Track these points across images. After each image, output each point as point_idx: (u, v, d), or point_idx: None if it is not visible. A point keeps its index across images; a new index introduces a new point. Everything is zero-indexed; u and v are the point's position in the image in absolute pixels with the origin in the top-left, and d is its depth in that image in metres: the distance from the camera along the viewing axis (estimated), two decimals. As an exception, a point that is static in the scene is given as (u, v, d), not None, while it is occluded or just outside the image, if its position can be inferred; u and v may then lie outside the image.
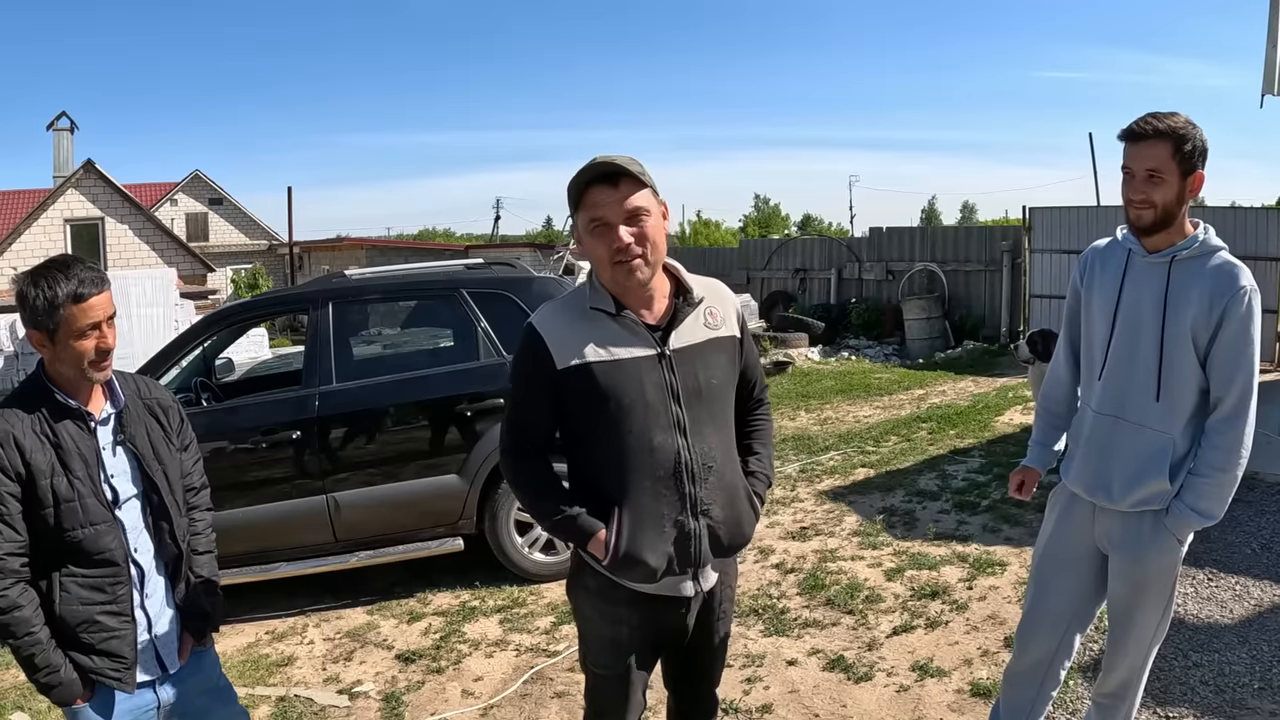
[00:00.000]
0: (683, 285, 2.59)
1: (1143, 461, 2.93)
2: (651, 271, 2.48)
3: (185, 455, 2.89)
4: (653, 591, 2.59)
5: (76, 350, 2.52)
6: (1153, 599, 3.04)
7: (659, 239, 2.46)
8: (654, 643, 2.75)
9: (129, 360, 10.19)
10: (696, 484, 2.52)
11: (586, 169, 2.40)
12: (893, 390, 13.12)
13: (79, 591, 2.56)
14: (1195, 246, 2.85)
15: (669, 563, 2.52)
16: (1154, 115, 2.79)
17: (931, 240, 19.61)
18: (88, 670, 2.58)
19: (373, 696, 4.74)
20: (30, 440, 2.50)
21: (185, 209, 45.08)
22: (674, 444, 2.50)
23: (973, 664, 4.57)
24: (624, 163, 2.39)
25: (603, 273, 2.48)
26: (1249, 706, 4.04)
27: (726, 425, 2.65)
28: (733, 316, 2.68)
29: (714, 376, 2.57)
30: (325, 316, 5.99)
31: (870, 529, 6.68)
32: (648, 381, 2.48)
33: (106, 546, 2.58)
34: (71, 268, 2.51)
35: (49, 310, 2.48)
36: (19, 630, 2.48)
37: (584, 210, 2.44)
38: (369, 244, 34.84)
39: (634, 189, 2.42)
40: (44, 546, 2.53)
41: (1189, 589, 5.24)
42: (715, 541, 2.58)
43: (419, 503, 5.90)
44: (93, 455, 2.59)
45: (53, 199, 28.83)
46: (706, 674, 2.93)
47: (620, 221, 2.40)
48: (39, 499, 2.49)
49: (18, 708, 4.75)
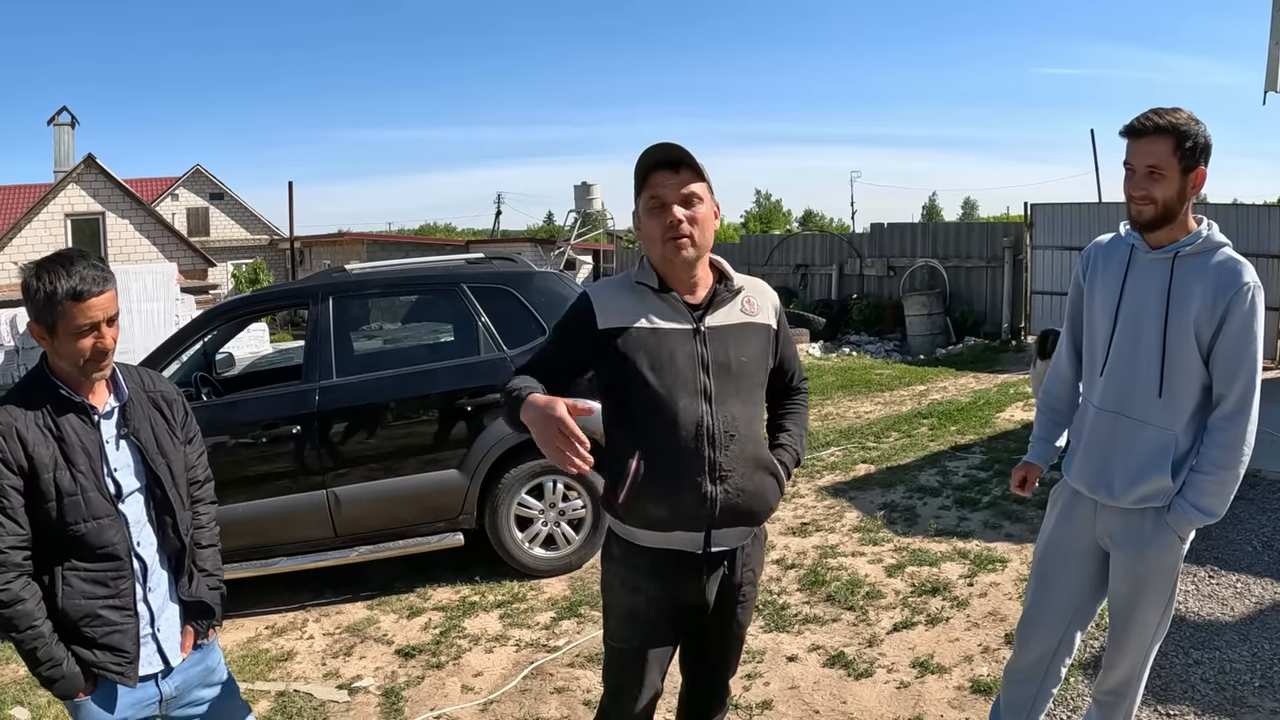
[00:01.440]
0: (725, 275, 2.77)
1: (1145, 458, 2.92)
2: (697, 253, 2.64)
3: (189, 449, 2.87)
4: (664, 546, 2.69)
5: (74, 348, 2.50)
6: (1154, 596, 3.04)
7: (708, 226, 2.64)
8: (671, 617, 2.80)
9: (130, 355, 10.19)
10: (717, 449, 2.63)
11: (651, 151, 2.60)
12: (894, 386, 13.12)
13: (81, 585, 2.55)
14: (1198, 243, 2.84)
15: (679, 516, 2.64)
16: (1156, 111, 2.78)
17: (933, 236, 19.60)
18: (90, 664, 2.57)
19: (372, 691, 4.73)
20: (33, 434, 2.49)
21: (186, 204, 45.06)
22: (698, 409, 2.63)
23: (973, 661, 4.57)
24: (687, 152, 2.59)
25: (653, 250, 2.66)
26: (1250, 704, 4.03)
27: (753, 403, 2.75)
28: (769, 309, 2.84)
29: (744, 355, 2.72)
30: (326, 311, 5.98)
31: (871, 525, 6.68)
32: (680, 351, 2.64)
33: (109, 540, 2.57)
34: (75, 264, 2.48)
35: (48, 305, 2.46)
36: (22, 624, 2.48)
37: (646, 190, 2.62)
38: (370, 239, 34.91)
39: (693, 177, 2.60)
40: (47, 540, 2.52)
41: (1190, 586, 5.23)
42: (732, 508, 2.67)
43: (419, 498, 5.90)
44: (96, 449, 2.57)
45: (54, 194, 28.82)
46: (722, 658, 2.97)
47: (676, 202, 2.58)
48: (42, 493, 2.48)
49: (18, 702, 4.74)
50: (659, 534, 2.69)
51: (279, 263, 38.89)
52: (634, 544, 2.73)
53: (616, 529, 2.78)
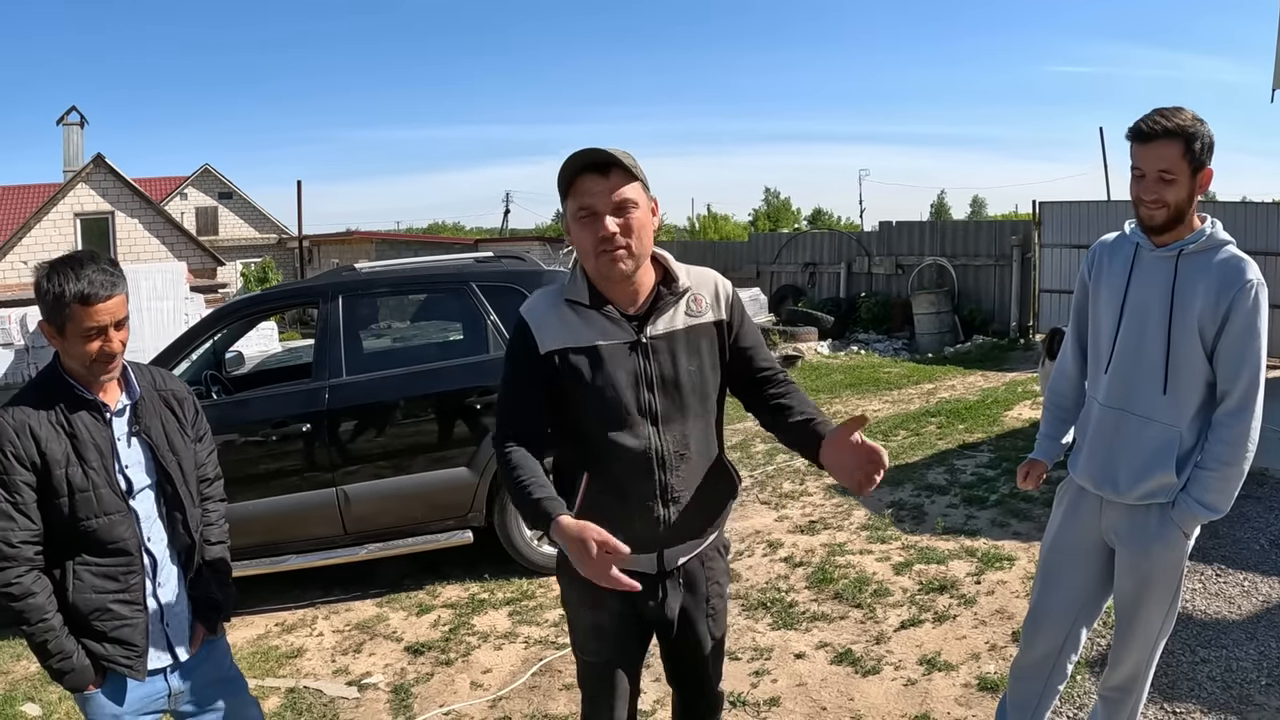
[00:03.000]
0: (670, 275, 2.59)
1: (1149, 454, 2.93)
2: (635, 264, 2.47)
3: (200, 446, 2.90)
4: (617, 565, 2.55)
5: (80, 350, 2.52)
6: (1159, 593, 3.05)
7: (645, 232, 2.46)
8: (637, 631, 2.75)
9: (139, 353, 10.23)
10: (667, 471, 2.54)
11: (576, 156, 2.40)
12: (902, 385, 13.10)
13: (92, 580, 2.58)
14: (1202, 240, 2.85)
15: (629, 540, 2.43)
16: (1161, 114, 2.78)
17: (941, 234, 19.56)
18: (99, 657, 2.60)
19: (382, 688, 4.76)
20: (46, 430, 2.52)
21: (195, 203, 45.15)
22: (645, 432, 2.51)
23: (980, 658, 4.58)
24: (615, 154, 2.39)
25: (586, 261, 2.48)
26: (1256, 703, 4.04)
27: (704, 413, 2.62)
28: (719, 302, 2.64)
29: (693, 364, 2.57)
30: (335, 310, 6.00)
31: (879, 523, 6.68)
32: (621, 370, 2.49)
33: (120, 536, 2.60)
34: (85, 267, 2.49)
35: (56, 306, 2.48)
36: (33, 617, 2.51)
37: (572, 198, 2.43)
38: (379, 237, 34.93)
39: (624, 180, 2.41)
40: (58, 535, 2.55)
41: (1197, 585, 5.23)
42: (684, 527, 2.60)
43: (428, 495, 5.92)
44: (107, 446, 2.60)
45: (63, 193, 28.92)
46: (701, 675, 2.90)
47: (608, 211, 2.40)
48: (54, 488, 2.51)
49: (29, 698, 4.78)
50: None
51: (288, 262, 38.95)
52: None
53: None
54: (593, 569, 2.26)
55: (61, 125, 30.06)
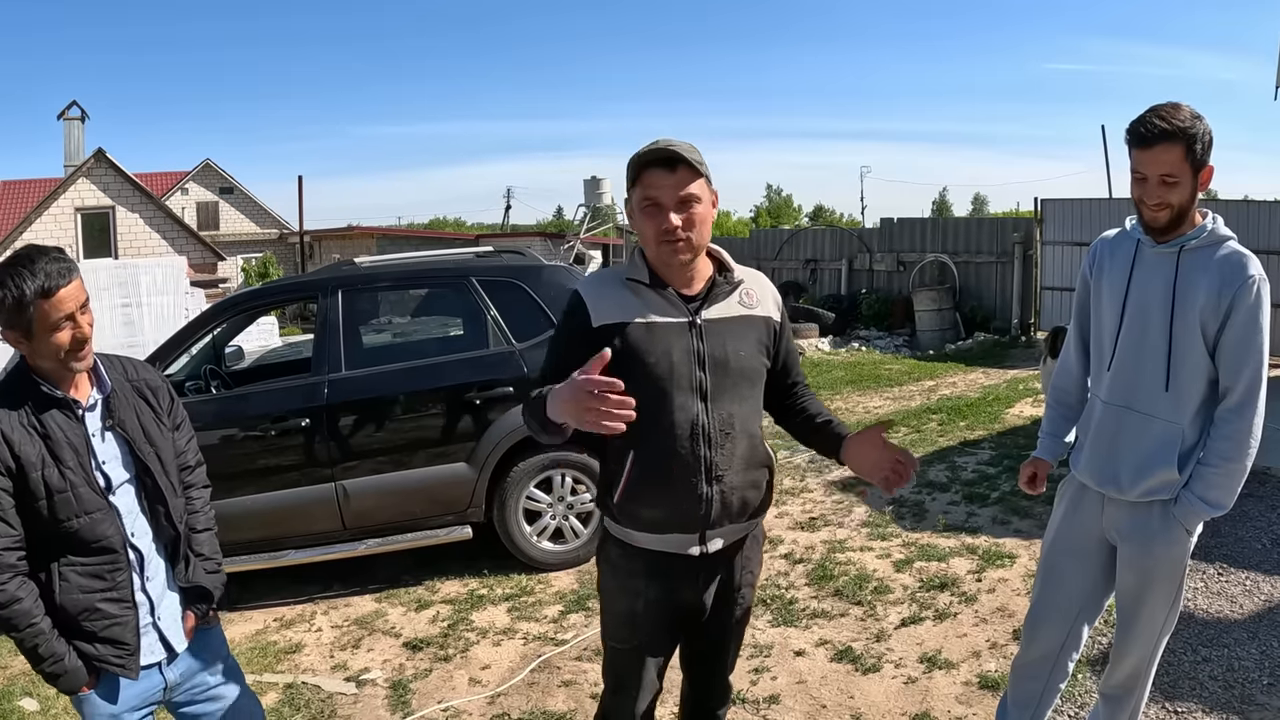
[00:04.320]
0: (725, 267, 2.72)
1: (1151, 451, 2.92)
2: (694, 255, 2.60)
3: (178, 435, 2.85)
4: (660, 549, 2.66)
5: (53, 344, 2.48)
6: (1161, 590, 3.04)
7: (705, 226, 2.59)
8: (669, 621, 2.79)
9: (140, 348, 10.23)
10: (713, 449, 2.60)
11: (648, 151, 2.52)
12: (903, 381, 13.09)
13: (78, 580, 2.55)
14: (1204, 236, 2.84)
15: (674, 518, 2.62)
16: (1159, 114, 2.75)
17: (943, 231, 19.54)
18: (91, 658, 2.57)
19: (380, 684, 4.75)
20: (18, 434, 2.47)
21: (196, 198, 45.11)
22: (694, 407, 2.59)
23: (981, 656, 4.57)
24: (684, 150, 2.50)
25: (648, 248, 2.62)
26: (1258, 702, 4.02)
27: (750, 399, 2.71)
28: (770, 302, 2.77)
29: (742, 349, 2.66)
30: (335, 304, 5.99)
31: (879, 520, 6.67)
32: (676, 346, 2.59)
33: (103, 534, 2.56)
34: (36, 262, 2.45)
35: (18, 309, 2.43)
36: (21, 623, 2.48)
37: (639, 188, 2.55)
38: (379, 233, 34.90)
39: (690, 176, 2.52)
40: (40, 538, 2.51)
41: (1199, 584, 5.22)
42: (727, 507, 2.65)
43: (428, 491, 5.91)
44: (82, 443, 2.56)
45: (64, 188, 28.92)
46: (721, 654, 2.95)
47: (672, 205, 2.51)
48: (31, 492, 2.47)
49: (26, 694, 4.77)
50: (654, 536, 2.66)
51: (288, 257, 38.95)
52: (630, 545, 2.71)
53: (612, 530, 2.75)
54: (588, 403, 2.24)
55: (62, 120, 30.05)
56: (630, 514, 2.66)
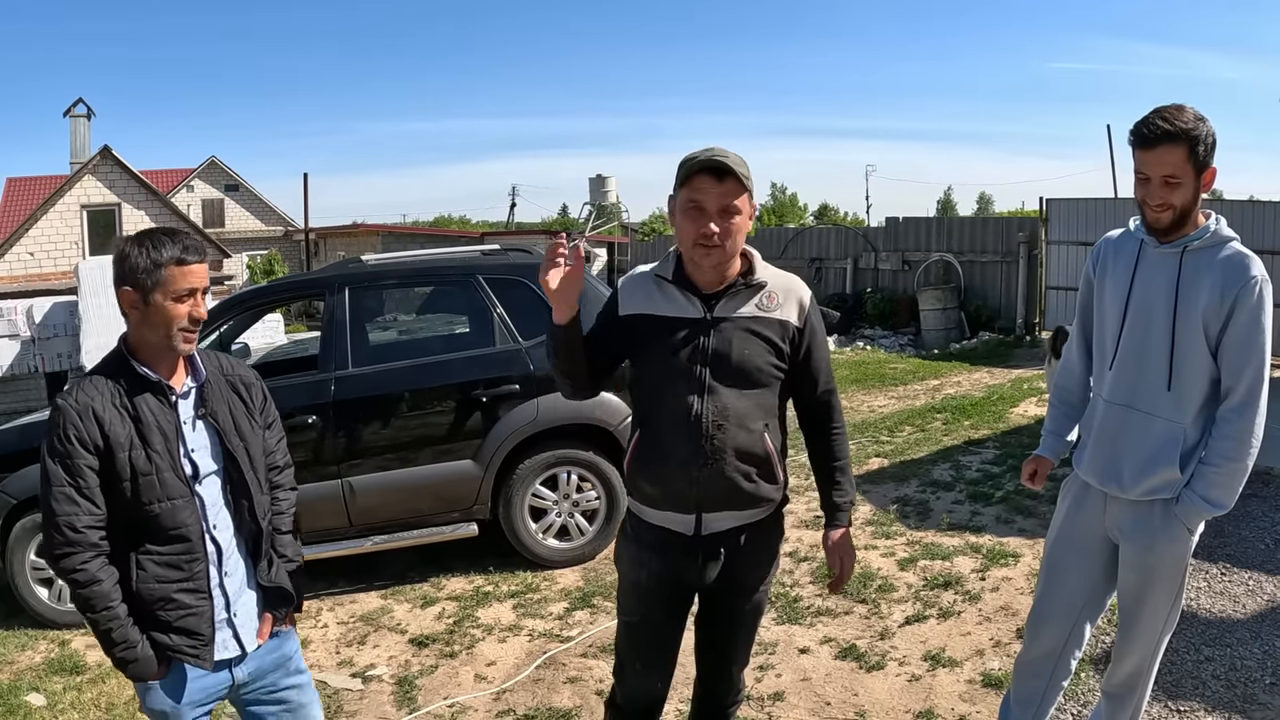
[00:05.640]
0: (752, 269, 2.84)
1: (1154, 450, 2.93)
2: (725, 259, 2.73)
3: (269, 433, 2.90)
4: (661, 524, 2.84)
5: (169, 313, 2.53)
6: (1163, 589, 3.05)
7: (740, 235, 2.73)
8: (673, 594, 2.93)
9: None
10: (706, 437, 2.73)
11: (701, 159, 2.63)
12: (908, 380, 13.10)
13: (155, 569, 2.56)
14: (1207, 236, 2.85)
15: (667, 496, 2.80)
16: (1162, 115, 2.76)
17: (948, 231, 19.55)
18: (165, 647, 2.57)
19: (386, 680, 4.77)
20: (109, 413, 2.51)
21: (201, 195, 45.16)
22: (691, 397, 2.74)
23: (984, 654, 4.58)
24: (734, 162, 2.63)
25: (684, 247, 2.76)
26: (1260, 701, 4.03)
27: (752, 397, 2.79)
28: (793, 307, 2.85)
29: (748, 348, 2.77)
30: (341, 302, 6.01)
31: (884, 519, 6.68)
32: (685, 340, 2.76)
33: (183, 522, 2.57)
34: (176, 235, 2.58)
35: (150, 269, 2.50)
36: (98, 604, 2.49)
37: (686, 190, 2.68)
38: (385, 230, 34.91)
39: (736, 189, 2.65)
40: (122, 521, 2.53)
41: (1202, 583, 5.23)
42: (716, 493, 2.78)
43: (434, 488, 5.93)
44: (172, 429, 2.58)
45: (69, 185, 28.90)
46: (729, 644, 3.02)
47: (714, 212, 2.65)
48: (117, 472, 2.50)
49: (34, 689, 4.79)
50: (654, 511, 2.85)
51: (294, 254, 38.96)
52: (641, 520, 2.90)
53: (631, 504, 2.95)
54: (551, 266, 2.65)
55: (68, 117, 30.03)
56: (635, 487, 2.88)
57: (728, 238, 2.67)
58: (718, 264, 2.72)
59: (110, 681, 4.78)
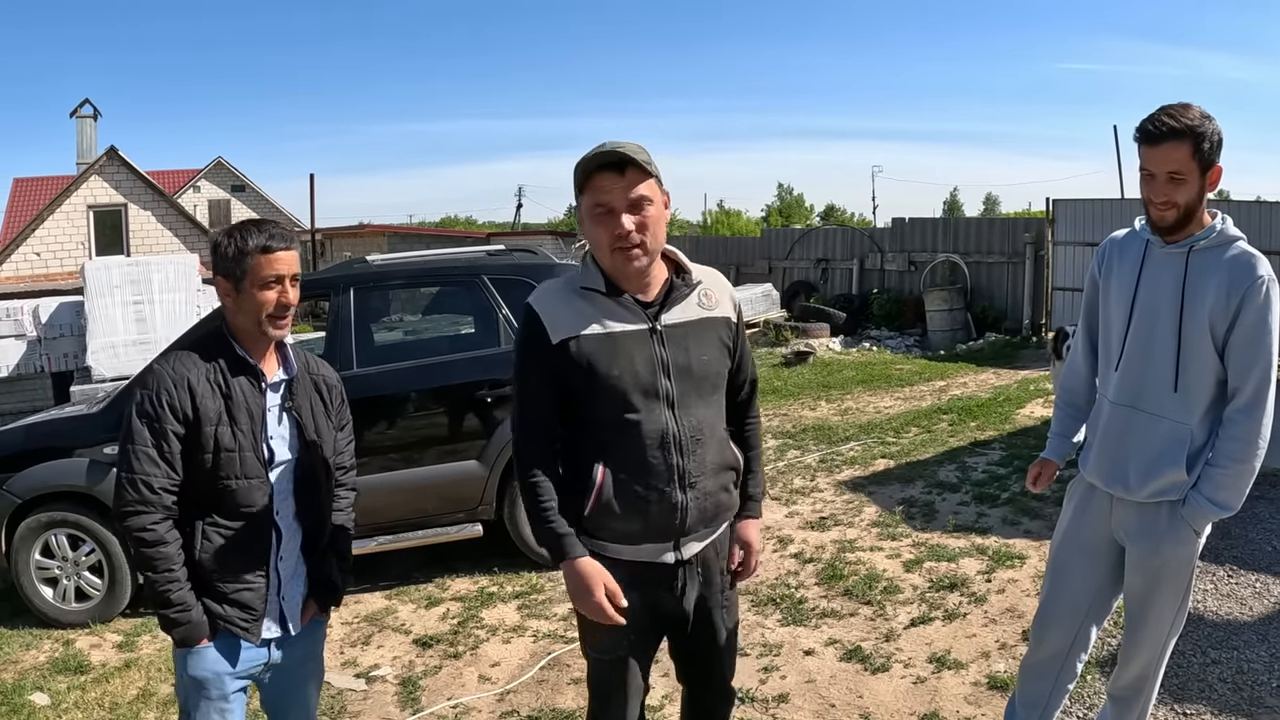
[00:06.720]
0: (681, 268, 2.67)
1: (1160, 452, 2.92)
2: (649, 259, 2.54)
3: (341, 435, 3.00)
4: (634, 559, 2.62)
5: (258, 300, 2.63)
6: (1169, 591, 3.03)
7: (659, 228, 2.52)
8: (652, 625, 2.75)
9: (151, 345, 10.23)
10: (685, 456, 2.57)
11: (594, 155, 2.46)
12: (914, 381, 13.07)
13: (219, 541, 2.65)
14: (1213, 236, 2.84)
15: (649, 529, 2.59)
16: (1168, 113, 2.75)
17: (954, 231, 19.51)
18: (217, 616, 2.66)
19: (390, 680, 4.77)
20: (203, 386, 2.62)
21: (208, 195, 45.29)
22: (662, 416, 2.55)
23: (990, 656, 4.56)
24: (631, 151, 2.45)
25: (602, 257, 2.55)
26: (1267, 705, 4.01)
27: (715, 403, 2.70)
28: (727, 301, 2.74)
29: (705, 353, 2.63)
30: (347, 302, 6.01)
31: (889, 520, 6.67)
32: (638, 355, 2.54)
33: (255, 502, 2.68)
34: (264, 225, 2.69)
35: (238, 258, 2.62)
36: (160, 565, 2.57)
37: (588, 195, 2.50)
38: (391, 231, 34.92)
39: (639, 178, 2.47)
40: (195, 491, 2.63)
41: (1208, 585, 5.20)
42: (701, 514, 2.63)
43: (438, 488, 5.93)
44: (259, 413, 2.70)
45: (76, 186, 28.93)
46: (713, 667, 2.92)
47: (624, 209, 2.46)
48: (200, 444, 2.60)
49: (38, 688, 4.80)
50: (628, 547, 2.62)
51: (300, 254, 39.03)
52: (604, 556, 2.61)
53: (585, 541, 2.61)
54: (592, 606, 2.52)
55: (75, 118, 30.09)
56: (602, 527, 2.59)
57: (645, 232, 2.46)
58: (643, 265, 2.52)
59: (114, 681, 4.79)
